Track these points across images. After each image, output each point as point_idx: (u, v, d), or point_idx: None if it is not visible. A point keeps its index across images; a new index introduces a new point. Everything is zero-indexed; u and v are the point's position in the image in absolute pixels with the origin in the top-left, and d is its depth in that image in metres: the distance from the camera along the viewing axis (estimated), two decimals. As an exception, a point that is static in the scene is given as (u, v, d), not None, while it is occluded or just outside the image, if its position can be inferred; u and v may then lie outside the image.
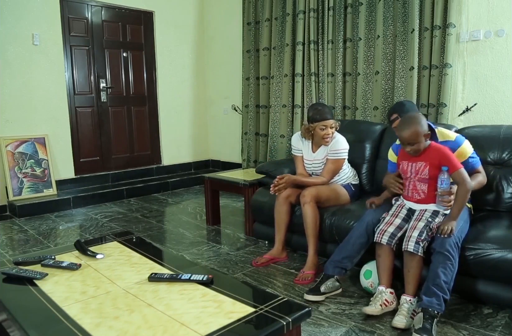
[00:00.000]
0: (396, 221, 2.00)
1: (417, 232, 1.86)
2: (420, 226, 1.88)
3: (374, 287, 2.07)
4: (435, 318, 1.71)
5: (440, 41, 3.05)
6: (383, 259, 1.98)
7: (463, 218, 1.95)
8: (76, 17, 4.18)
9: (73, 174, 4.23)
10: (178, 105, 5.05)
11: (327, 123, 2.47)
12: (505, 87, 2.88)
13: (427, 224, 1.89)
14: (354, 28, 3.58)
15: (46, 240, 3.08)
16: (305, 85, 3.94)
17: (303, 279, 2.29)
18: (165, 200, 4.33)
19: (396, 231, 1.97)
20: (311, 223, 2.35)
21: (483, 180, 2.12)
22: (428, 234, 1.87)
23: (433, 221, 1.91)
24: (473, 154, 2.11)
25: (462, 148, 2.08)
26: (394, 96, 3.36)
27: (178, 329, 1.14)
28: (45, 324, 1.21)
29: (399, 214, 2.03)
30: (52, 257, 1.63)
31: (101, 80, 4.42)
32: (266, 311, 1.23)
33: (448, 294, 1.76)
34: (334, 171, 2.52)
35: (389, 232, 1.96)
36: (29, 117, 3.88)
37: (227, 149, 5.15)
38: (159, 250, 2.05)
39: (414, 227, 1.90)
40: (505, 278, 1.84)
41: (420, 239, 1.84)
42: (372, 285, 2.08)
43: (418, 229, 1.87)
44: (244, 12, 4.49)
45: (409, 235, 1.88)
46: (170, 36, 4.87)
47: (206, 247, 2.92)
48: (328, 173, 2.51)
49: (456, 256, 1.80)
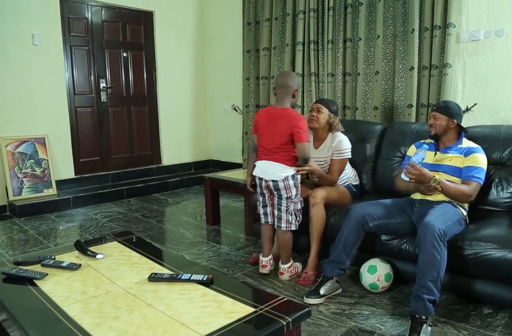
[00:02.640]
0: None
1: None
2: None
3: (382, 281, 2.09)
4: (424, 323, 1.71)
5: (440, 41, 3.05)
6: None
7: (452, 218, 1.92)
8: (76, 17, 4.18)
9: (73, 174, 4.23)
10: (178, 105, 5.05)
11: (313, 106, 2.58)
12: (505, 87, 2.88)
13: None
14: (354, 28, 3.58)
15: (46, 240, 3.08)
16: (305, 85, 3.94)
17: (306, 279, 2.29)
18: (165, 200, 4.33)
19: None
20: (319, 224, 2.34)
21: (467, 191, 2.03)
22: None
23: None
24: (482, 168, 2.11)
25: (480, 156, 2.13)
26: (394, 96, 3.36)
27: (178, 329, 1.14)
28: (45, 324, 1.21)
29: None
30: (52, 257, 1.63)
31: (101, 80, 4.42)
32: (266, 311, 1.23)
33: (435, 294, 1.74)
34: (341, 170, 2.55)
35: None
36: (29, 117, 3.88)
37: (227, 149, 5.15)
38: (159, 250, 2.05)
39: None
40: (505, 278, 1.84)
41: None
42: (380, 279, 2.09)
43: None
44: (244, 12, 4.49)
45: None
46: (170, 36, 4.87)
47: (206, 247, 2.92)
48: (336, 172, 2.52)
49: (441, 251, 1.76)
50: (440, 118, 2.19)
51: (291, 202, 2.27)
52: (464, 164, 2.13)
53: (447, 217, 1.90)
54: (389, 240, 2.19)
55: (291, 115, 2.22)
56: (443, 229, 1.79)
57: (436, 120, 2.20)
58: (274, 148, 2.24)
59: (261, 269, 2.40)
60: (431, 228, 1.78)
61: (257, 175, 2.33)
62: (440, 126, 2.19)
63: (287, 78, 2.25)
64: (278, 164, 2.23)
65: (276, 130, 2.22)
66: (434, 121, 2.20)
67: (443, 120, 2.18)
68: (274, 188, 2.26)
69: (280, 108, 2.25)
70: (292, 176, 2.24)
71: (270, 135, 2.26)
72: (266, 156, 2.27)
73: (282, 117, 2.22)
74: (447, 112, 2.18)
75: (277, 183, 2.24)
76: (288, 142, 2.21)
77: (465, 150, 2.16)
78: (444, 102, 2.33)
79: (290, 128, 2.17)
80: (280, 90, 2.25)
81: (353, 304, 2.05)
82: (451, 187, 2.03)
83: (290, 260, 2.37)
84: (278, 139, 2.22)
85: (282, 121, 2.21)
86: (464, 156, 2.14)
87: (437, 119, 2.19)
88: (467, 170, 2.10)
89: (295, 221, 2.30)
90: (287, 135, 2.19)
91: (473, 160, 2.11)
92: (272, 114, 2.28)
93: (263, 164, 2.28)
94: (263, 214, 2.42)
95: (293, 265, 2.39)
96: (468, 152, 2.14)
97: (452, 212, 1.97)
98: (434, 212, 1.92)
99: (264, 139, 2.28)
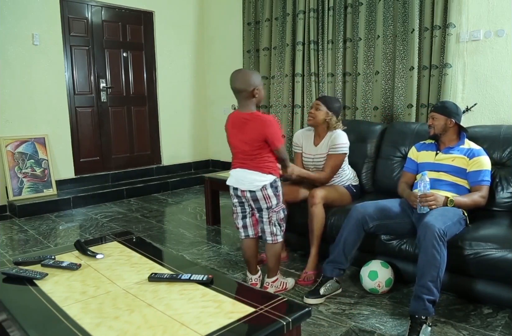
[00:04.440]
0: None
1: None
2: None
3: (382, 287, 2.08)
4: (423, 323, 1.71)
5: (440, 41, 3.05)
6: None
7: (452, 219, 1.92)
8: (76, 17, 4.18)
9: (73, 174, 4.23)
10: (178, 105, 5.05)
11: (314, 102, 2.57)
12: (505, 87, 2.88)
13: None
14: (354, 28, 3.58)
15: (46, 240, 3.08)
16: (305, 85, 3.94)
17: (306, 279, 2.29)
18: (165, 200, 4.33)
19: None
20: (319, 224, 2.34)
21: (481, 199, 2.09)
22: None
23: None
24: (488, 170, 2.14)
25: (484, 158, 2.15)
26: (394, 96, 3.36)
27: (178, 329, 1.14)
28: (45, 324, 1.21)
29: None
30: (52, 257, 1.63)
31: (101, 80, 4.42)
32: (266, 311, 1.22)
33: (435, 294, 1.74)
34: (335, 166, 2.49)
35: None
36: (29, 117, 3.88)
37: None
38: (159, 250, 2.04)
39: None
40: (505, 278, 1.84)
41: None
42: (380, 285, 2.08)
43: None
44: (244, 12, 4.49)
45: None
46: (170, 36, 4.87)
47: (206, 247, 2.92)
48: (329, 168, 2.48)
49: (441, 251, 1.76)
50: (438, 118, 2.20)
51: (273, 211, 2.06)
52: (470, 169, 2.14)
53: (447, 217, 1.90)
54: (389, 240, 2.19)
55: (257, 119, 1.98)
56: (443, 229, 1.79)
57: (434, 120, 2.21)
58: (246, 155, 2.03)
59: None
60: (431, 228, 1.78)
61: (231, 185, 2.12)
62: (438, 126, 2.20)
63: (238, 81, 1.99)
64: (254, 172, 2.02)
65: (243, 138, 2.02)
66: (433, 122, 2.22)
67: (441, 120, 2.19)
68: (252, 199, 2.05)
69: (245, 112, 2.03)
70: (270, 184, 2.02)
71: (239, 143, 2.06)
72: (241, 164, 2.07)
73: (248, 122, 2.00)
74: (444, 112, 2.19)
75: (254, 194, 2.02)
76: (261, 148, 1.99)
77: (468, 151, 2.17)
78: (441, 102, 2.36)
79: (261, 134, 1.96)
80: (236, 95, 2.04)
81: (353, 304, 2.05)
82: (466, 201, 2.05)
83: (276, 273, 2.17)
84: (249, 147, 2.01)
85: (249, 127, 1.99)
86: (468, 158, 2.15)
87: (435, 119, 2.21)
88: (475, 175, 2.12)
89: (280, 232, 2.11)
90: (258, 140, 1.97)
91: (479, 164, 2.13)
92: (236, 121, 2.08)
93: (237, 173, 2.08)
94: (242, 227, 2.16)
95: (281, 280, 2.20)
96: (471, 155, 2.15)
97: (452, 212, 1.97)
98: (434, 212, 1.92)
99: (235, 147, 2.11)
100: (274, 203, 2.06)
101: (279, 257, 2.19)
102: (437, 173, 2.19)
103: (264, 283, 2.19)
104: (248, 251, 2.19)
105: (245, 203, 2.13)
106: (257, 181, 2.01)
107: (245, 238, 2.18)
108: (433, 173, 2.18)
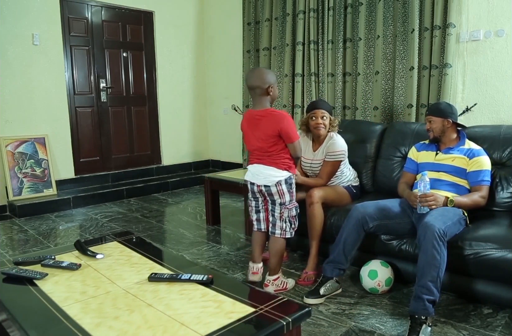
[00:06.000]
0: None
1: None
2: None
3: (382, 286, 2.08)
4: (423, 323, 1.71)
5: (440, 41, 3.05)
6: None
7: (452, 219, 1.92)
8: (76, 17, 4.18)
9: (73, 174, 4.23)
10: (178, 105, 5.05)
11: (315, 112, 2.50)
12: (505, 87, 2.88)
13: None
14: (354, 28, 3.58)
15: (46, 240, 3.08)
16: (305, 85, 3.94)
17: (307, 279, 2.29)
18: (165, 200, 4.33)
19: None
20: (318, 224, 2.34)
21: (481, 199, 2.10)
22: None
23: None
24: (488, 170, 2.14)
25: (484, 158, 2.15)
26: (394, 96, 3.36)
27: (178, 329, 1.14)
28: (45, 324, 1.21)
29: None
30: (52, 257, 1.63)
31: (101, 80, 4.42)
32: (266, 311, 1.22)
33: (435, 294, 1.74)
34: (331, 173, 2.51)
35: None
36: (29, 117, 3.88)
37: (227, 149, 5.15)
38: (159, 250, 2.04)
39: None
40: (505, 278, 1.84)
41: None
42: (380, 284, 2.08)
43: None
44: (244, 12, 4.50)
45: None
46: (170, 36, 4.87)
47: (206, 247, 2.92)
48: (325, 175, 2.50)
49: (441, 251, 1.76)
50: (435, 120, 2.21)
51: (285, 208, 2.13)
52: (470, 169, 2.14)
53: (447, 217, 1.90)
54: (389, 240, 2.19)
55: (272, 115, 2.05)
56: (443, 229, 1.79)
57: (431, 124, 2.22)
58: (263, 152, 2.09)
59: (251, 276, 2.24)
60: (431, 228, 1.78)
61: (248, 180, 2.19)
62: (437, 129, 2.21)
63: (254, 78, 2.06)
64: (270, 168, 2.08)
65: (259, 134, 2.08)
66: (430, 125, 2.23)
67: (438, 122, 2.20)
68: (267, 193, 2.13)
69: (259, 110, 2.09)
70: (285, 180, 2.09)
71: (255, 140, 2.11)
72: (257, 160, 2.13)
73: (263, 119, 2.06)
74: (439, 113, 2.19)
75: (269, 188, 2.09)
76: (276, 144, 2.06)
77: (468, 151, 2.17)
78: (434, 104, 2.37)
79: (275, 129, 2.02)
80: (251, 92, 2.09)
81: (353, 304, 2.05)
82: (466, 201, 2.05)
83: (278, 272, 2.20)
84: (265, 143, 2.06)
85: (264, 123, 2.05)
86: (468, 158, 2.15)
87: (433, 122, 2.22)
88: (475, 175, 2.13)
89: (290, 229, 2.16)
90: (274, 136, 2.03)
91: (479, 164, 2.13)
92: (251, 118, 2.12)
93: (254, 168, 2.14)
94: (256, 220, 2.26)
95: (282, 279, 2.21)
96: (471, 155, 2.15)
97: (452, 212, 1.97)
98: (434, 212, 1.92)
99: (251, 145, 2.15)
100: (287, 200, 2.13)
101: (282, 255, 2.22)
102: (437, 173, 2.19)
103: (265, 281, 2.19)
104: (257, 241, 2.29)
105: (259, 198, 2.22)
106: (272, 176, 2.08)
107: (256, 231, 2.28)
108: (433, 173, 2.18)
